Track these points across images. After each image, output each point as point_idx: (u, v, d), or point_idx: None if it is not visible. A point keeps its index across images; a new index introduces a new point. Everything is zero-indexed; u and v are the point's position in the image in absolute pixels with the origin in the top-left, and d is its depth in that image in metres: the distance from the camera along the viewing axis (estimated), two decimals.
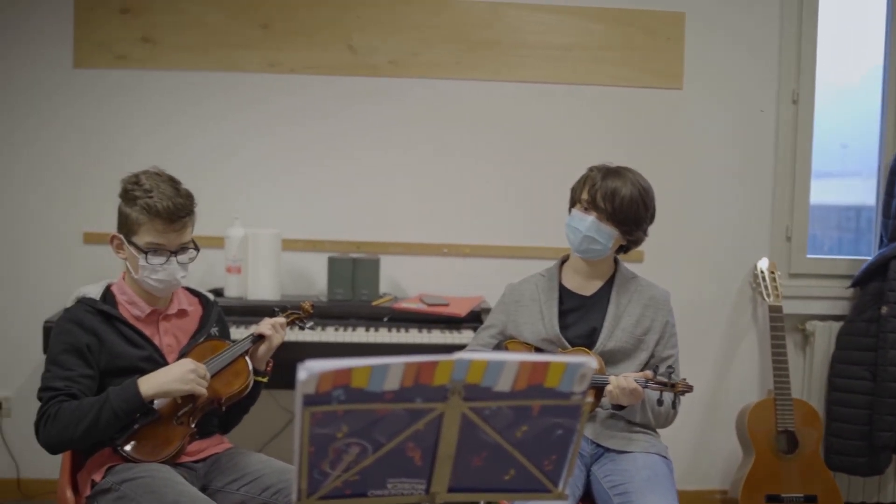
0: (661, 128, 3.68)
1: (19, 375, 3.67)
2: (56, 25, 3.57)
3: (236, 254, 3.30)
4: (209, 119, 3.60)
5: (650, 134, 3.68)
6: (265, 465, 2.25)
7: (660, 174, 2.92)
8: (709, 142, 3.71)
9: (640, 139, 3.66)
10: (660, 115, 3.68)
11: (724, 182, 3.73)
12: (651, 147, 3.65)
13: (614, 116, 3.67)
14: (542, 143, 3.65)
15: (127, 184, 2.29)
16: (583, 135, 3.64)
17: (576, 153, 3.37)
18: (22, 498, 3.71)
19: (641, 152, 3.46)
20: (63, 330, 2.22)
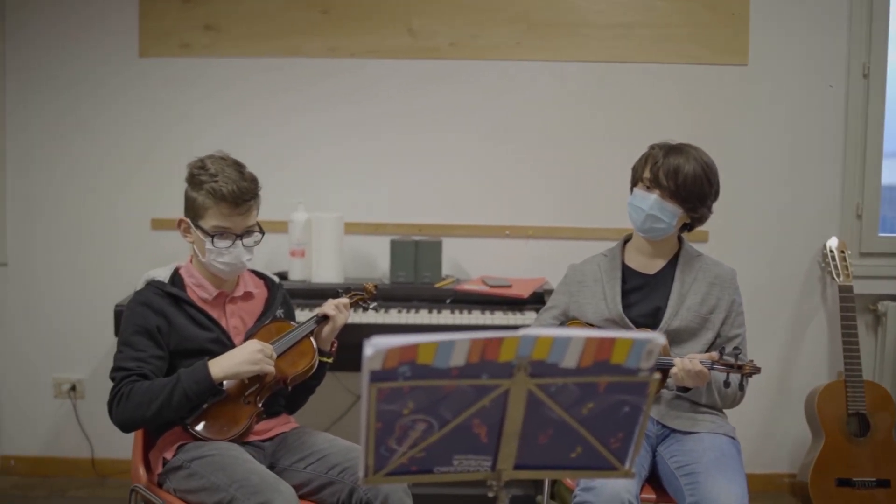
0: (726, 105, 3.62)
1: (92, 358, 3.77)
2: (122, 16, 3.65)
3: (300, 238, 3.34)
4: (272, 105, 3.64)
5: (715, 112, 3.61)
6: (331, 444, 2.28)
7: (725, 152, 2.88)
8: (775, 118, 3.63)
9: (705, 117, 3.59)
10: (724, 92, 3.61)
11: (792, 159, 3.64)
12: (715, 125, 3.58)
13: (677, 94, 3.61)
14: (605, 123, 3.61)
15: (193, 168, 2.33)
16: (645, 114, 3.59)
17: (638, 132, 3.32)
18: (96, 476, 3.82)
19: (705, 130, 3.40)
20: (134, 312, 2.27)
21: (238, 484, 2.03)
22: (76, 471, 3.84)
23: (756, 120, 3.62)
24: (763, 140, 3.62)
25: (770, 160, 3.64)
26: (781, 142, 3.63)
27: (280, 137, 3.63)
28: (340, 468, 2.18)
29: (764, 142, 3.63)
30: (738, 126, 3.61)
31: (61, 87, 3.70)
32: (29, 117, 3.72)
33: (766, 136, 3.63)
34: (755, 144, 3.62)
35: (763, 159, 3.63)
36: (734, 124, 3.61)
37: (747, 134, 3.62)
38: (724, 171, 2.58)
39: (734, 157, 3.50)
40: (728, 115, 3.62)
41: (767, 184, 3.64)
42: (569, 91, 3.61)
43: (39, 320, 3.79)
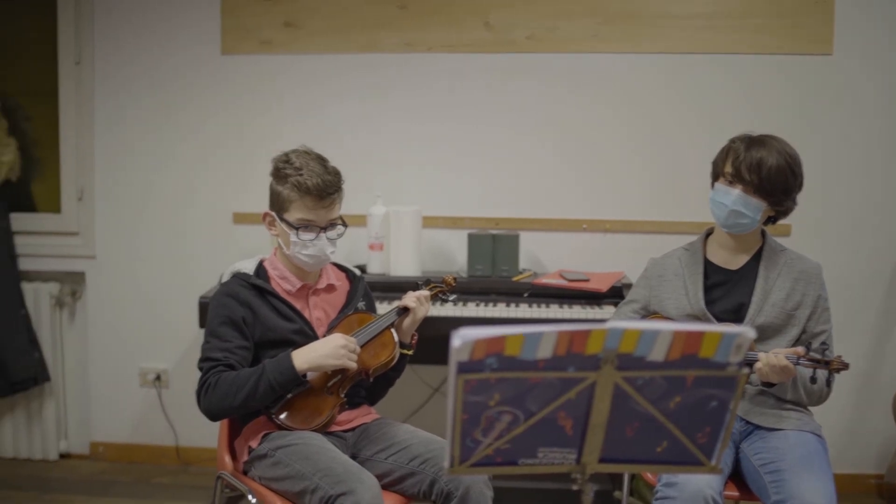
0: (810, 96, 3.53)
1: (176, 349, 3.87)
2: (205, 15, 3.73)
3: (378, 231, 3.37)
4: (350, 100, 3.68)
5: (797, 103, 3.52)
6: (412, 435, 2.30)
7: (808, 144, 2.81)
8: (861, 109, 3.52)
9: (787, 109, 3.51)
10: (808, 82, 3.52)
11: (878, 151, 3.54)
12: (799, 117, 3.50)
13: (759, 86, 3.53)
14: (683, 115, 3.56)
15: (278, 163, 2.37)
16: (725, 105, 3.52)
17: (718, 125, 3.27)
18: (180, 464, 3.92)
19: (788, 122, 3.32)
20: (220, 303, 2.32)
21: (322, 473, 2.06)
22: (161, 458, 3.95)
23: (842, 110, 3.52)
24: (850, 131, 3.53)
25: (857, 151, 3.54)
26: (869, 133, 3.53)
27: (358, 132, 3.66)
28: (422, 459, 2.20)
29: (850, 133, 3.53)
30: (823, 117, 3.52)
31: (147, 84, 3.80)
32: (116, 114, 3.83)
33: (853, 126, 3.53)
34: (841, 135, 3.53)
35: (849, 151, 3.53)
36: (819, 115, 3.52)
37: (832, 125, 3.52)
38: (808, 163, 2.52)
39: (819, 149, 3.42)
40: (812, 105, 3.53)
41: (854, 176, 3.54)
42: (647, 83, 3.56)
43: (126, 312, 3.91)
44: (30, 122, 4.02)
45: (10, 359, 3.75)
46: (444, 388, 3.65)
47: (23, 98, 4.01)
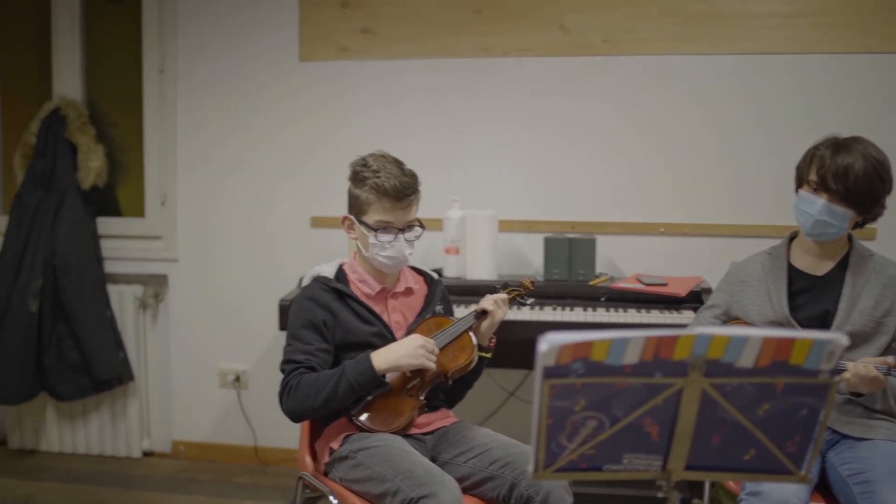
0: None
1: (255, 350, 3.94)
2: (283, 22, 3.79)
3: (454, 235, 3.39)
4: (426, 105, 3.70)
5: (884, 103, 3.42)
6: (492, 439, 2.30)
7: None
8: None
9: (872, 109, 3.41)
10: (894, 81, 3.42)
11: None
12: (885, 117, 3.39)
13: (842, 86, 3.44)
14: (764, 117, 3.48)
15: (356, 166, 2.40)
16: (807, 107, 3.44)
17: (800, 126, 3.22)
18: (258, 464, 3.99)
19: (873, 123, 3.22)
20: (302, 307, 2.36)
21: (403, 475, 2.08)
22: (240, 457, 4.02)
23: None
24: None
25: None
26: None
27: (435, 137, 3.68)
28: (501, 463, 2.20)
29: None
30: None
31: (227, 91, 3.88)
32: (198, 120, 3.93)
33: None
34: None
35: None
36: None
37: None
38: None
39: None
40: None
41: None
42: (725, 84, 3.50)
43: (207, 314, 4.00)
44: (115, 129, 4.15)
45: (96, 359, 3.87)
46: (519, 392, 3.64)
47: (109, 106, 4.14)
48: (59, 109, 3.98)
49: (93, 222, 4.01)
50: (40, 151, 3.97)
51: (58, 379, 3.92)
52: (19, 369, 3.87)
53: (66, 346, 3.89)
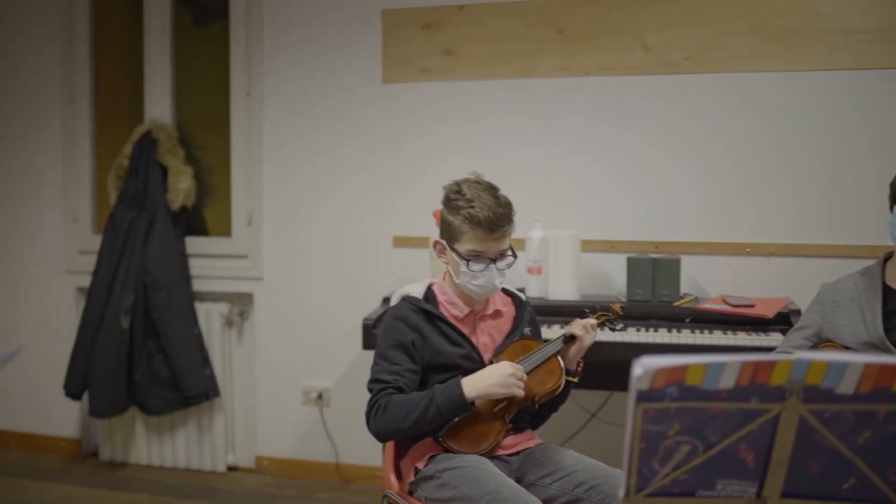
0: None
1: (338, 368, 3.99)
2: (367, 45, 3.86)
3: (536, 255, 3.39)
4: (507, 124, 3.72)
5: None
6: (577, 461, 2.28)
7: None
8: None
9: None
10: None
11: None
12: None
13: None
14: (853, 134, 3.39)
15: (450, 192, 2.39)
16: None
17: (893, 142, 3.13)
18: (340, 480, 4.03)
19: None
20: (390, 326, 2.38)
21: (490, 497, 2.08)
22: (322, 474, 4.07)
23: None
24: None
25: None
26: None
27: (516, 156, 3.69)
28: (587, 486, 2.19)
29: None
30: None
31: (312, 113, 3.96)
32: (283, 143, 4.01)
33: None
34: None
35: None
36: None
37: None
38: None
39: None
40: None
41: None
42: (812, 102, 3.43)
43: (291, 332, 4.07)
44: (204, 151, 4.26)
45: (184, 374, 3.96)
46: (600, 414, 3.61)
47: (197, 128, 4.27)
48: (150, 132, 4.11)
49: (182, 241, 4.13)
50: (133, 173, 4.10)
51: (147, 394, 4.03)
52: (111, 384, 3.99)
53: (155, 361, 4.00)
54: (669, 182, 3.56)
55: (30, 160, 4.45)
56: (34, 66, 4.40)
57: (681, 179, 3.55)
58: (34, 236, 4.47)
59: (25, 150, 4.45)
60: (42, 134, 4.41)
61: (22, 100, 4.43)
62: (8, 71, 4.45)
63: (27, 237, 4.49)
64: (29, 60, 4.41)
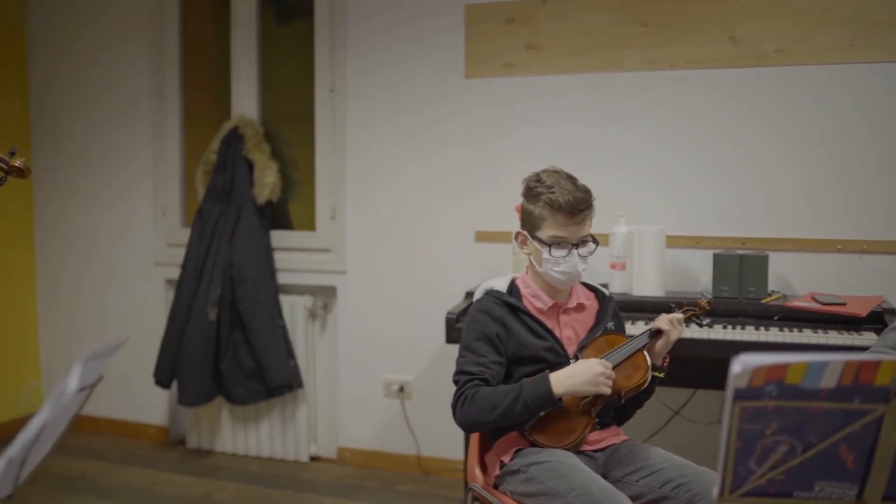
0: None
1: (420, 362, 4.02)
2: (449, 40, 3.87)
3: (621, 251, 3.36)
4: (591, 119, 3.69)
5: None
6: (664, 458, 2.26)
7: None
8: None
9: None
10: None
11: None
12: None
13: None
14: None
15: (529, 182, 2.42)
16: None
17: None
18: (421, 473, 4.06)
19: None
20: (475, 319, 2.40)
21: (577, 492, 2.07)
22: (403, 466, 4.11)
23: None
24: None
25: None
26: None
27: (599, 151, 3.67)
28: (675, 483, 2.16)
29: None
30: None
31: (395, 109, 4.00)
32: (367, 136, 4.06)
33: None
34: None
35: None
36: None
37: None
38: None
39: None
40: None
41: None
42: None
43: (373, 325, 4.11)
44: (288, 146, 4.33)
45: (269, 366, 4.04)
46: (684, 411, 3.57)
47: (282, 124, 4.34)
48: (237, 128, 4.20)
49: (267, 235, 4.20)
50: (220, 168, 4.20)
51: (233, 384, 4.12)
52: (199, 374, 4.09)
53: (241, 353, 4.09)
54: (757, 177, 3.49)
55: (122, 156, 4.59)
56: (126, 64, 4.54)
57: (768, 174, 3.47)
58: (125, 230, 4.61)
59: (118, 147, 4.59)
60: (133, 130, 4.55)
61: (114, 98, 4.57)
62: (101, 70, 4.59)
63: (119, 231, 4.63)
64: (121, 59, 4.54)
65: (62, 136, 4.71)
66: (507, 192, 3.59)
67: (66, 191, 4.72)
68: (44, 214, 4.79)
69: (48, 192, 4.77)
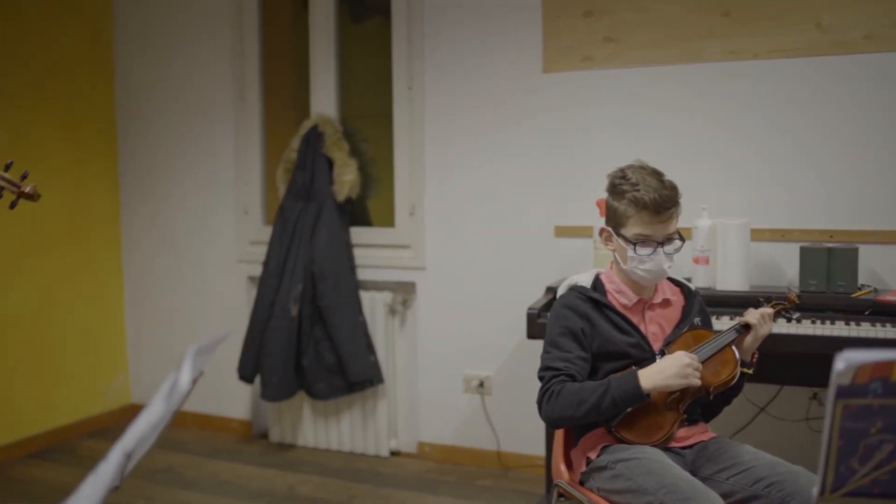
0: None
1: (499, 357, 4.02)
2: (527, 34, 3.86)
3: (704, 244, 3.31)
4: (671, 111, 3.64)
5: None
6: (755, 456, 2.22)
7: None
8: None
9: None
10: None
11: None
12: None
13: None
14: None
15: (614, 178, 2.39)
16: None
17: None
18: (501, 468, 4.07)
19: None
20: (560, 315, 2.39)
21: (667, 489, 2.05)
22: (483, 461, 4.12)
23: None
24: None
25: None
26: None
27: (680, 143, 3.61)
28: (767, 482, 2.12)
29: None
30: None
31: (472, 104, 4.00)
32: (445, 133, 4.07)
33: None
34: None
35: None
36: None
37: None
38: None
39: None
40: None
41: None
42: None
43: (452, 320, 4.13)
44: (367, 144, 4.37)
45: (350, 361, 4.09)
46: (769, 408, 3.50)
47: (361, 122, 4.38)
48: (316, 126, 4.26)
49: (347, 232, 4.25)
50: (300, 166, 4.26)
51: (315, 379, 4.18)
52: (281, 369, 4.16)
53: (322, 348, 4.15)
54: (845, 167, 3.39)
55: (204, 157, 4.69)
56: (207, 67, 4.63)
57: (858, 164, 3.38)
58: (208, 229, 4.72)
59: (200, 148, 4.70)
60: (215, 131, 4.64)
61: (197, 99, 4.68)
62: (184, 72, 4.70)
63: (202, 229, 4.74)
64: (202, 62, 4.64)
65: (147, 138, 4.83)
66: (587, 186, 3.59)
67: (151, 190, 4.85)
68: (129, 213, 4.92)
69: (134, 192, 4.90)
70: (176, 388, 0.87)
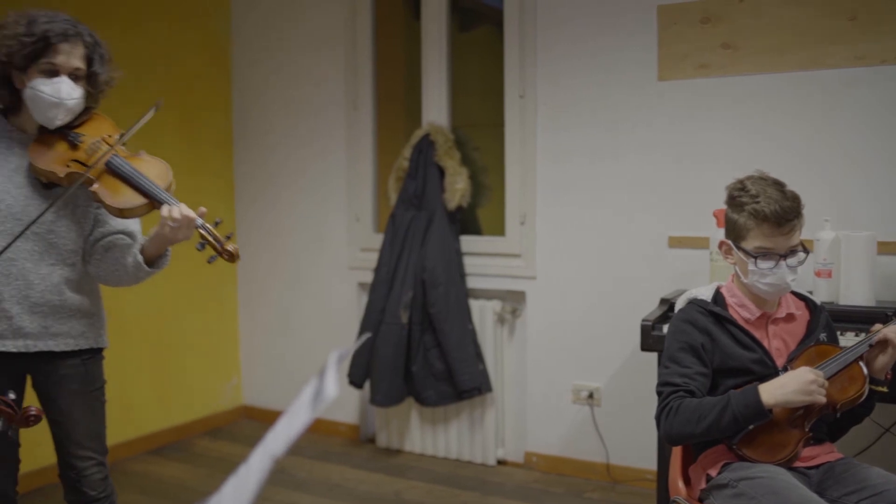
0: None
1: (610, 368, 3.98)
2: (641, 42, 3.81)
3: (826, 257, 3.20)
4: (791, 119, 3.54)
5: None
6: (887, 479, 2.13)
7: None
8: None
9: None
10: None
11: None
12: None
13: None
14: None
15: (733, 190, 2.34)
16: None
17: None
18: (609, 481, 4.01)
19: None
20: (679, 329, 2.34)
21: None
22: (591, 473, 4.07)
23: None
24: None
25: None
26: None
27: (800, 152, 3.50)
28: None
29: None
30: None
31: (584, 113, 3.97)
32: (557, 143, 4.05)
33: None
34: None
35: None
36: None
37: None
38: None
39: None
40: None
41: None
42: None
43: (562, 330, 4.10)
44: (478, 152, 4.39)
45: (459, 369, 4.11)
46: (895, 429, 3.35)
47: (472, 130, 4.40)
48: (428, 135, 4.30)
49: (457, 240, 4.27)
50: (412, 174, 4.31)
51: (423, 386, 4.21)
52: (390, 375, 4.21)
53: (432, 355, 4.18)
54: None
55: (317, 165, 4.79)
56: (321, 77, 4.73)
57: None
58: (320, 236, 4.81)
59: (313, 156, 4.80)
60: (328, 140, 4.73)
61: (310, 109, 4.78)
62: (298, 82, 4.81)
63: (314, 236, 4.84)
64: (316, 72, 4.74)
65: (262, 147, 4.96)
66: (703, 197, 3.52)
67: (265, 197, 4.98)
68: (244, 221, 5.06)
69: (248, 200, 5.04)
70: (321, 396, 0.89)
